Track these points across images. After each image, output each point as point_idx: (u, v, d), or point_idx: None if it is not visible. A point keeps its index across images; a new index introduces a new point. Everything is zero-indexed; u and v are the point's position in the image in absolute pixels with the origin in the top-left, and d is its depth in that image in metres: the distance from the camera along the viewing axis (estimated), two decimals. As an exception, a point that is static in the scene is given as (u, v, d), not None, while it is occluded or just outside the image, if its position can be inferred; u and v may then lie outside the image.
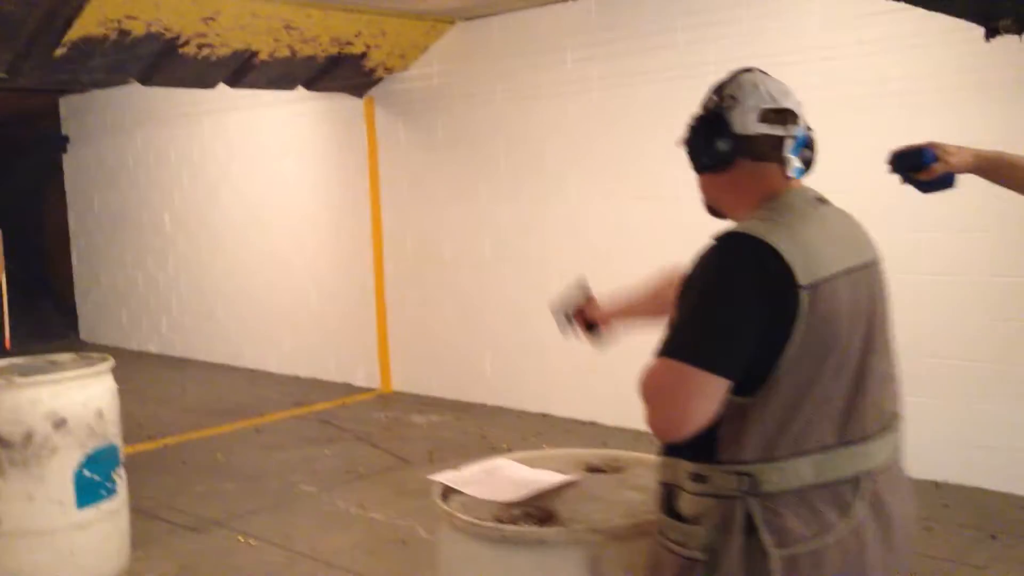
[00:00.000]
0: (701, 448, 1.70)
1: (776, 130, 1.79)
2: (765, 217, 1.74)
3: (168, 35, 5.82)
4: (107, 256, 10.33)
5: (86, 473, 3.91)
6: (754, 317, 1.64)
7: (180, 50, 6.01)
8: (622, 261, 5.71)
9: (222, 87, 6.79)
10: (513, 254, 6.58)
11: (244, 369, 8.60)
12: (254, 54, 6.36)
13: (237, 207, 8.63)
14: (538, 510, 2.11)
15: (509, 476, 2.34)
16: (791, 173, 1.81)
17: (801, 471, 1.67)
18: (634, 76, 5.93)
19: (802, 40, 5.17)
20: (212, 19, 5.82)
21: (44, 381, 3.86)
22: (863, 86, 4.96)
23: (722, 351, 1.65)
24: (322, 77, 6.97)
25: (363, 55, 6.79)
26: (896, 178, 2.37)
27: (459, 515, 2.08)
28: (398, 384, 7.41)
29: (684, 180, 2.04)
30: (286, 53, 6.46)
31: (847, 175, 4.24)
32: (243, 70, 6.55)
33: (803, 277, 1.63)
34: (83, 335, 10.82)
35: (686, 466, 1.73)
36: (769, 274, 1.63)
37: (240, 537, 4.56)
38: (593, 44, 6.11)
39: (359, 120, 7.43)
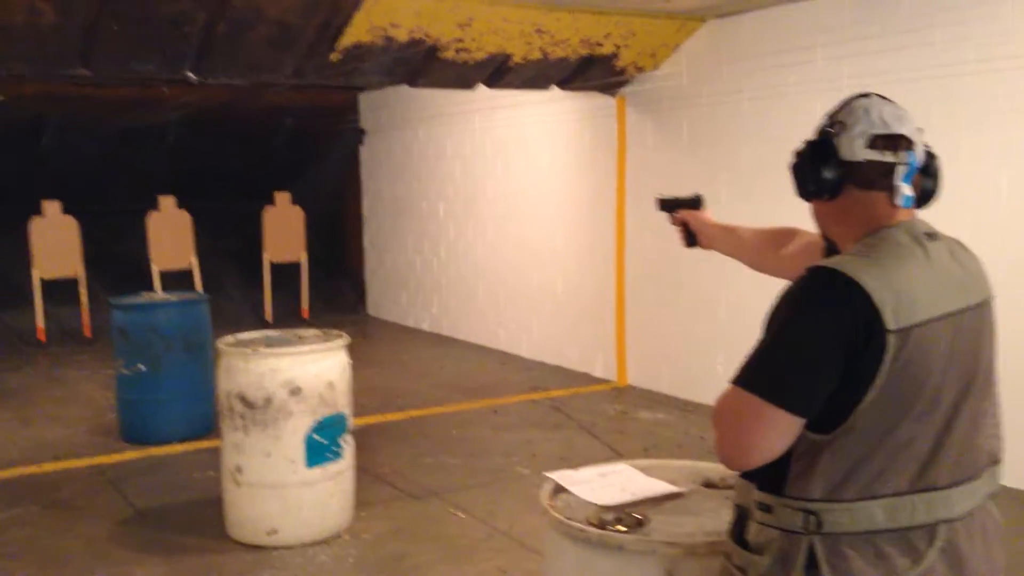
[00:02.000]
0: (771, 478, 1.71)
1: (886, 156, 1.74)
2: (862, 253, 1.70)
3: (428, 41, 6.30)
4: (391, 240, 11.28)
5: (315, 437, 4.41)
6: (834, 358, 1.61)
7: (440, 54, 6.48)
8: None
9: (483, 87, 7.23)
10: (751, 256, 6.47)
11: (498, 351, 9.09)
12: (508, 57, 6.72)
13: (500, 199, 9.13)
14: (631, 517, 2.20)
15: (620, 481, 2.44)
16: (899, 202, 1.75)
17: (872, 515, 1.64)
18: (886, 75, 5.61)
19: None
20: (467, 25, 6.23)
21: (284, 353, 4.41)
22: None
23: (797, 388, 1.64)
24: (574, 77, 7.21)
25: (613, 55, 6.95)
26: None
27: (553, 512, 2.22)
28: (633, 378, 7.54)
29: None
30: (538, 56, 6.76)
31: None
32: (499, 72, 6.93)
33: (892, 321, 1.59)
34: (370, 311, 11.89)
35: (755, 493, 1.75)
36: (855, 315, 1.60)
37: (451, 508, 4.93)
38: (845, 41, 5.86)
39: (611, 119, 7.60)
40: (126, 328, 6.13)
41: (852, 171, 1.76)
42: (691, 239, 2.62)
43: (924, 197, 1.83)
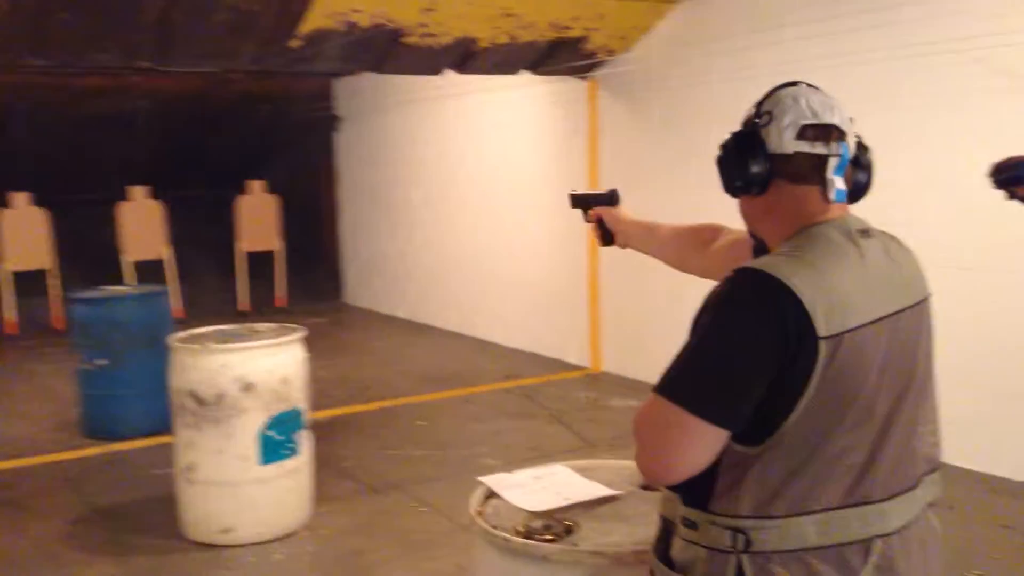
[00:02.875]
0: (696, 492, 1.60)
1: (817, 148, 1.63)
2: (791, 254, 1.58)
3: (392, 26, 6.17)
4: (367, 227, 11.16)
5: (270, 433, 4.31)
6: (762, 367, 1.50)
7: (404, 40, 6.35)
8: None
9: (452, 73, 7.10)
10: (722, 242, 6.38)
11: (474, 339, 8.99)
12: (475, 41, 6.59)
13: (473, 185, 9.01)
14: (560, 524, 2.11)
15: (555, 484, 2.34)
16: (832, 196, 1.64)
17: (803, 532, 1.53)
18: (855, 55, 5.51)
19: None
20: (431, 9, 6.10)
21: (235, 348, 4.30)
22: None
23: (721, 400, 1.53)
24: (544, 61, 7.08)
25: (583, 39, 6.82)
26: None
27: (477, 520, 2.13)
28: (607, 365, 7.46)
29: (905, 163, 1.85)
30: (506, 39, 6.63)
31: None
32: (466, 57, 6.80)
33: (824, 327, 1.48)
34: (347, 298, 11.77)
35: (681, 508, 1.65)
36: (785, 321, 1.48)
37: (414, 503, 4.85)
38: (814, 21, 5.75)
39: (583, 102, 7.48)
40: (85, 322, 6.01)
41: (781, 164, 1.65)
42: (607, 238, 2.47)
43: (857, 191, 1.73)
